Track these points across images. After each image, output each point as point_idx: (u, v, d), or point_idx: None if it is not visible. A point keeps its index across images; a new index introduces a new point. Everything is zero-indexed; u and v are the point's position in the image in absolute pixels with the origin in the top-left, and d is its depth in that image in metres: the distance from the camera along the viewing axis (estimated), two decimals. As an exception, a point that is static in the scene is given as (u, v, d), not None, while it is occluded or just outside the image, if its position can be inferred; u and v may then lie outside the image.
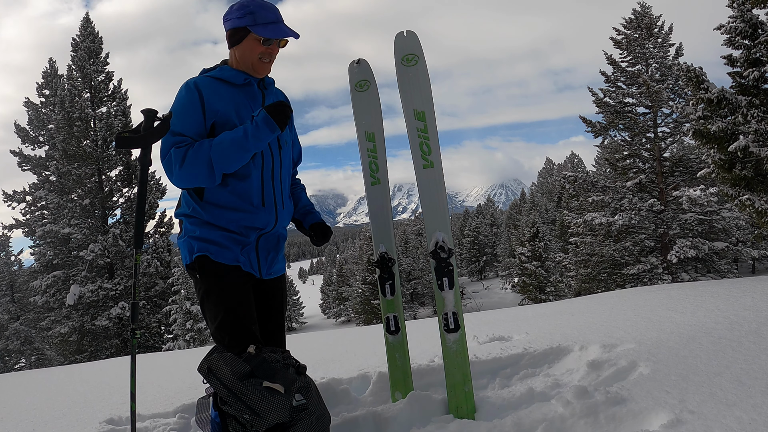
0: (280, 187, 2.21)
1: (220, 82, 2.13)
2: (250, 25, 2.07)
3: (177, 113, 2.07)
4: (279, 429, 1.84)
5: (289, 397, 1.84)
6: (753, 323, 3.12)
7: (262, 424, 1.80)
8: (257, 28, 2.07)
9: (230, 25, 2.12)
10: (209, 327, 2.11)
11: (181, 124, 2.05)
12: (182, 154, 2.00)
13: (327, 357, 4.36)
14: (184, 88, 2.11)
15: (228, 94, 2.12)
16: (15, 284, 24.31)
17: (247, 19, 2.07)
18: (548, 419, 2.20)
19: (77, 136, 18.93)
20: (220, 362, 1.90)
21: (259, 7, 2.09)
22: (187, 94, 2.08)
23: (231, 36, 2.14)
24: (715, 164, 9.70)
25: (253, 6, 2.08)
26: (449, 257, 2.54)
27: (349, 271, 43.20)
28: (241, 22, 2.08)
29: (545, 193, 49.89)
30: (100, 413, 3.31)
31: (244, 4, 2.10)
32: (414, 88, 2.61)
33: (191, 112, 2.06)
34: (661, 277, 16.73)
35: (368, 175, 2.88)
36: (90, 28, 20.77)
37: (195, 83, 2.10)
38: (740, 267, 24.00)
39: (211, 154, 1.98)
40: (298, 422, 1.86)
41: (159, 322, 19.85)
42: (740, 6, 9.32)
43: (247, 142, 1.99)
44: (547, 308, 5.99)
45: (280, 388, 1.83)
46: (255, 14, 2.07)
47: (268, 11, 2.10)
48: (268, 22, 2.09)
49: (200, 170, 1.99)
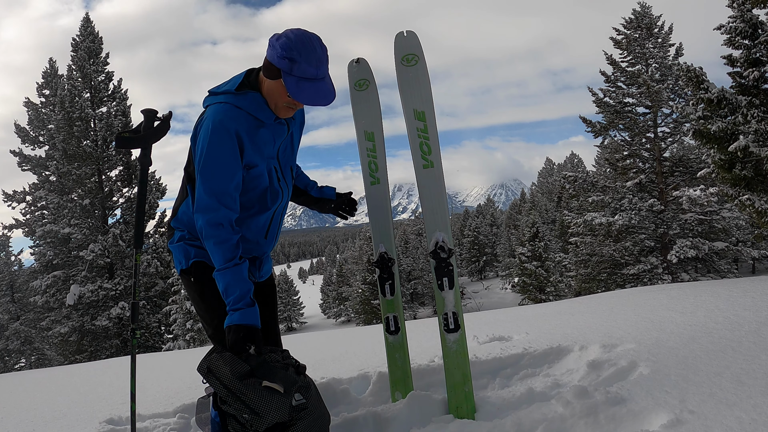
0: (281, 218, 2.26)
1: (253, 121, 1.98)
2: (286, 72, 1.87)
3: (210, 162, 1.91)
4: (278, 428, 1.84)
5: (289, 397, 1.84)
6: (753, 323, 3.12)
7: (262, 424, 1.80)
8: (290, 79, 1.87)
9: (269, 57, 1.91)
10: (206, 330, 2.12)
11: (219, 177, 1.91)
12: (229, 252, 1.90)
13: (327, 357, 4.36)
14: (225, 134, 1.91)
15: (259, 135, 2.00)
16: (15, 284, 24.31)
17: (286, 63, 1.86)
18: (548, 419, 2.20)
19: (77, 136, 18.93)
20: (219, 362, 1.90)
21: (304, 55, 1.85)
22: (230, 142, 1.91)
23: (267, 67, 1.94)
24: (715, 164, 9.70)
25: (298, 50, 1.85)
26: (449, 257, 2.54)
27: (349, 271, 43.21)
28: (279, 62, 1.87)
29: (545, 193, 49.90)
30: (100, 413, 3.31)
31: (290, 45, 1.86)
32: (414, 88, 2.61)
33: (229, 160, 1.92)
34: (661, 277, 16.73)
35: (368, 175, 2.88)
36: (90, 28, 20.78)
37: (237, 132, 1.93)
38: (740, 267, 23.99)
39: (225, 273, 1.91)
40: (297, 422, 1.86)
41: (159, 322, 19.86)
42: (740, 6, 9.32)
43: (221, 284, 1.92)
44: (547, 308, 5.99)
45: (279, 387, 1.83)
46: (295, 63, 1.85)
47: (309, 63, 1.86)
48: (305, 78, 1.87)
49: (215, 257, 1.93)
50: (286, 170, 2.20)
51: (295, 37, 1.87)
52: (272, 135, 2.05)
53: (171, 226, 2.20)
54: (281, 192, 2.16)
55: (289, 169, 2.22)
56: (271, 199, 2.13)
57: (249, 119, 1.97)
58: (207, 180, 1.91)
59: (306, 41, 1.87)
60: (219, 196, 1.91)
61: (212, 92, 2.05)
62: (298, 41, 1.86)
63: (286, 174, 2.20)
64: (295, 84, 1.87)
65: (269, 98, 1.98)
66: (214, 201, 1.91)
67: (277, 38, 1.89)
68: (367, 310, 31.81)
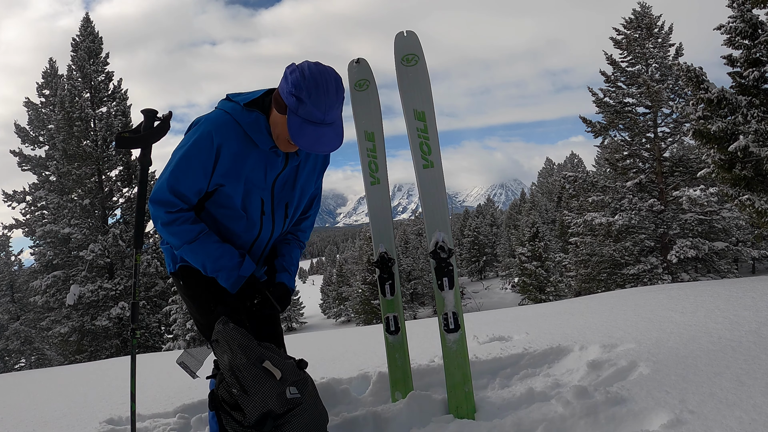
0: (265, 249, 2.16)
1: (246, 140, 1.90)
2: (291, 110, 1.75)
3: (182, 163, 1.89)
4: (271, 420, 1.82)
5: (284, 386, 1.84)
6: (753, 323, 3.12)
7: (248, 403, 1.81)
8: (294, 119, 1.74)
9: (279, 89, 1.80)
10: (200, 329, 2.13)
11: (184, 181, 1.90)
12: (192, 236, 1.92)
13: (327, 357, 4.36)
14: (207, 144, 1.87)
15: (247, 156, 1.92)
16: (15, 284, 24.31)
17: (293, 101, 1.73)
18: (548, 419, 2.20)
19: (77, 136, 18.94)
20: (233, 333, 1.89)
21: (313, 97, 1.72)
22: (207, 153, 1.87)
23: (275, 97, 1.83)
24: (715, 164, 9.70)
25: (308, 90, 1.71)
26: (449, 257, 2.54)
27: (349, 271, 43.20)
28: (287, 98, 1.75)
29: (545, 193, 49.90)
30: (100, 413, 3.31)
31: (300, 83, 1.72)
32: (414, 88, 2.61)
33: (198, 170, 1.89)
34: (661, 277, 16.73)
35: (368, 175, 2.88)
36: (90, 28, 20.80)
37: (219, 146, 1.88)
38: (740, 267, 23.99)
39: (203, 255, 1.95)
40: (292, 418, 1.84)
41: (159, 322, 19.87)
42: (740, 6, 9.32)
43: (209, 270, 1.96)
44: (547, 308, 5.99)
45: (277, 372, 1.84)
46: (301, 103, 1.72)
47: (317, 106, 1.72)
48: (309, 121, 1.74)
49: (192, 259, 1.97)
50: (278, 206, 2.05)
51: (309, 74, 1.73)
52: (264, 162, 1.94)
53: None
54: (260, 226, 2.03)
55: (283, 207, 2.07)
56: (244, 228, 2.02)
57: (242, 138, 1.89)
58: (173, 177, 1.90)
59: (320, 81, 1.73)
60: (180, 196, 1.92)
61: (228, 97, 1.98)
62: (311, 79, 1.72)
63: (278, 210, 2.06)
64: (298, 126, 1.75)
65: (273, 127, 1.89)
66: (174, 198, 1.91)
67: (291, 70, 1.77)
68: (367, 310, 31.79)
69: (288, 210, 2.10)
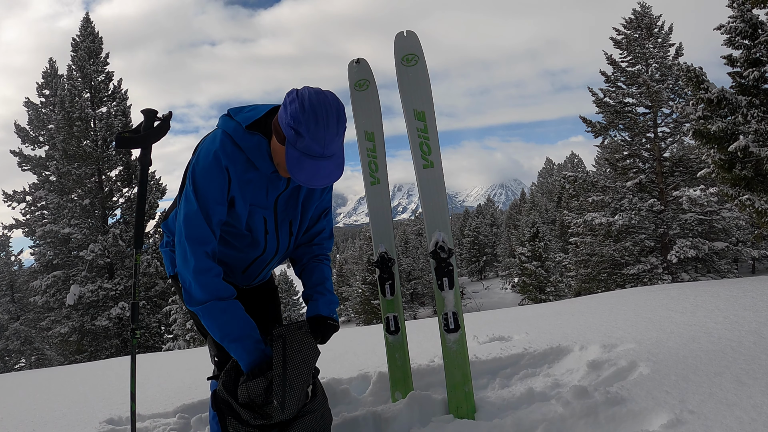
0: (266, 267, 2.14)
1: (247, 164, 1.84)
2: (290, 142, 1.68)
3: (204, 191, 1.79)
4: (279, 426, 1.84)
5: (307, 398, 1.87)
6: (753, 323, 3.12)
7: (280, 416, 1.81)
8: (292, 152, 1.68)
9: (279, 117, 1.73)
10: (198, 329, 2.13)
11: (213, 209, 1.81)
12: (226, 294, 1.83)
13: (327, 357, 4.35)
14: (216, 169, 1.80)
15: (249, 179, 1.87)
16: (15, 284, 24.32)
17: (291, 134, 1.67)
18: (548, 419, 2.20)
19: (77, 136, 18.94)
20: (298, 333, 1.88)
21: (312, 132, 1.65)
22: (219, 174, 1.80)
23: (275, 125, 1.77)
24: (715, 164, 9.70)
25: (306, 124, 1.65)
26: (449, 257, 2.54)
27: (349, 271, 43.20)
28: (285, 130, 1.69)
29: (545, 193, 49.89)
30: (100, 413, 3.31)
31: (299, 115, 1.65)
32: (414, 88, 2.61)
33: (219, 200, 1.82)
34: (661, 277, 16.73)
35: (368, 175, 2.88)
36: (90, 28, 20.80)
37: (227, 168, 1.81)
38: (740, 267, 24.00)
39: (218, 323, 1.83)
40: (299, 418, 1.86)
41: (159, 322, 19.85)
42: (740, 6, 9.32)
43: (223, 342, 1.84)
44: (547, 308, 5.99)
45: (309, 389, 1.90)
46: (299, 137, 1.66)
47: (316, 141, 1.66)
48: (306, 154, 1.68)
49: (208, 324, 1.85)
50: (282, 225, 2.02)
51: (309, 106, 1.65)
52: (266, 183, 1.90)
53: (161, 229, 2.19)
54: (264, 245, 2.01)
55: (287, 225, 2.04)
56: (247, 244, 2.00)
57: (243, 161, 1.83)
58: (202, 205, 1.80)
59: (320, 114, 1.65)
60: (214, 229, 1.82)
61: (230, 113, 1.90)
62: (310, 112, 1.65)
63: (282, 229, 2.03)
64: (296, 160, 1.68)
65: (274, 154, 1.81)
66: (209, 232, 1.81)
67: (291, 100, 1.69)
68: (367, 310, 31.78)
69: (292, 227, 2.06)
